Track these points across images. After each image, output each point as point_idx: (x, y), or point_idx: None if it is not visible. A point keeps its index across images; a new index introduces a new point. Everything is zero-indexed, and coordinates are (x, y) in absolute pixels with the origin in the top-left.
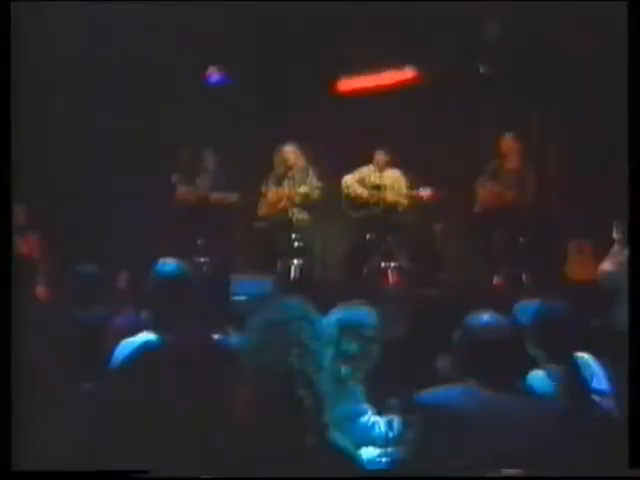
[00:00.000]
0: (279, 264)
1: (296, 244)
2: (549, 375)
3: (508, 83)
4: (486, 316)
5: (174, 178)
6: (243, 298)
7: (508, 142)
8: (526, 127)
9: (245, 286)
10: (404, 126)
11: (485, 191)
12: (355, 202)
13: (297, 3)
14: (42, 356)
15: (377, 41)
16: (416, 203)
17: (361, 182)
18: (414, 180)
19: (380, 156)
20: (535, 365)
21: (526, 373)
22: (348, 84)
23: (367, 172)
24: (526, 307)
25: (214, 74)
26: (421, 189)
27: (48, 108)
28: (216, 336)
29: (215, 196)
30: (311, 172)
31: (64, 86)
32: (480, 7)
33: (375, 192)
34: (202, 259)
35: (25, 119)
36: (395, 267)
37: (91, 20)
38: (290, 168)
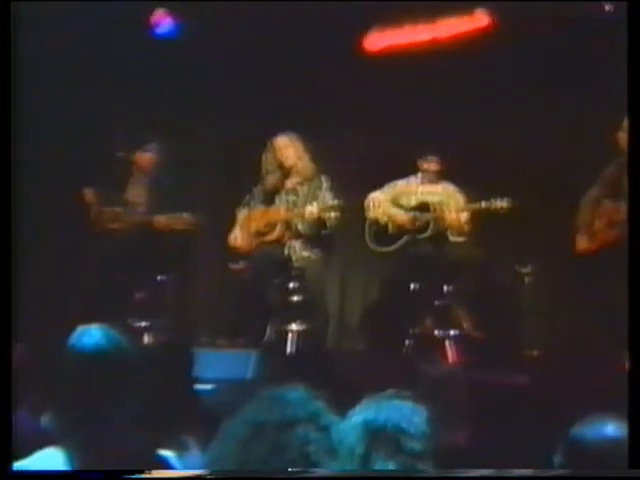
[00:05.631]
0: (269, 329)
1: (296, 297)
2: None
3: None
4: (609, 425)
5: (89, 191)
6: (211, 385)
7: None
8: None
9: (215, 365)
10: (466, 111)
11: (603, 212)
12: (389, 229)
13: None
14: None
15: None
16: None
17: (397, 200)
18: (477, 199)
19: (430, 163)
20: None
21: None
22: (380, 41)
23: (406, 186)
24: None
25: (163, 19)
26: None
27: None
28: (168, 452)
29: (161, 219)
30: (324, 182)
31: None
32: None
33: (420, 213)
34: (143, 323)
35: None
36: (455, 336)
37: None
38: (288, 174)
